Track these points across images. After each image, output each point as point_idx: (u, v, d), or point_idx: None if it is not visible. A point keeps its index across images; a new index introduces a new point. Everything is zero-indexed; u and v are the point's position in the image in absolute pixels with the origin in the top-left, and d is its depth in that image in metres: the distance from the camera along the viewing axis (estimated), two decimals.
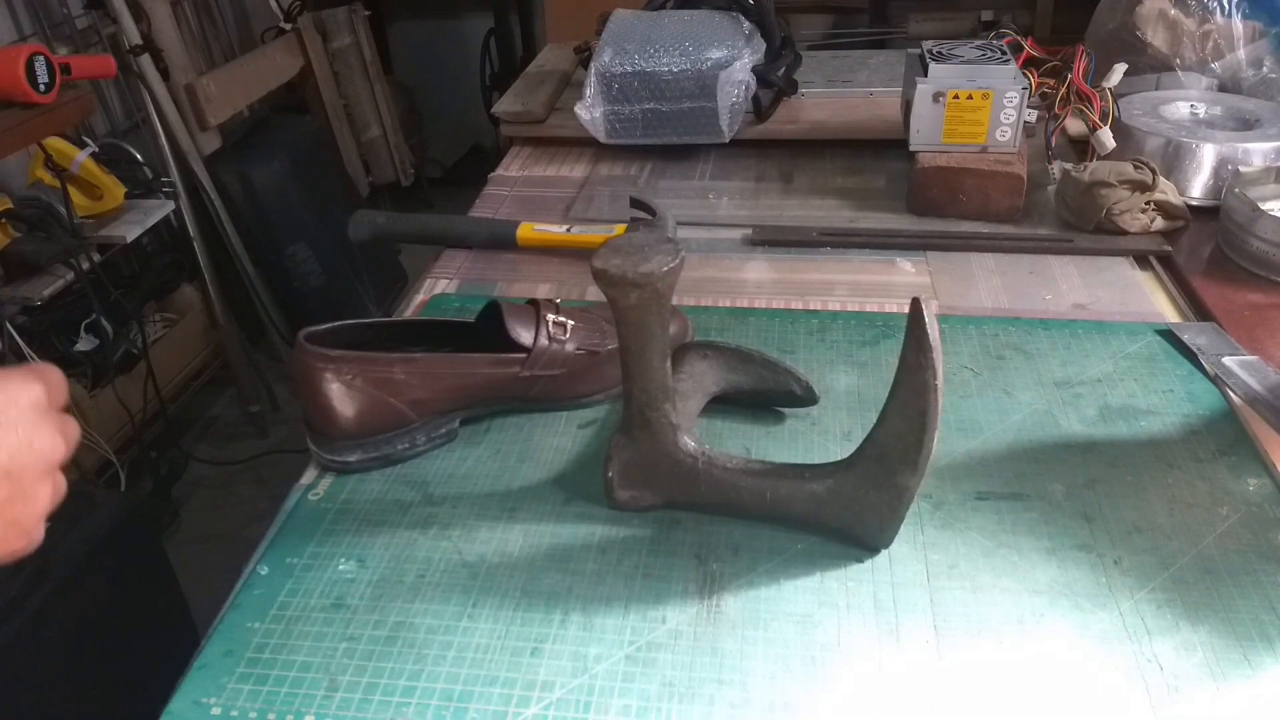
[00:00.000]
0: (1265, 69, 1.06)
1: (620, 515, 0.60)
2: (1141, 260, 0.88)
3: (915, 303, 0.49)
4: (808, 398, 0.67)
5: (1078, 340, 0.75)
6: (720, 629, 0.52)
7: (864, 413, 0.68)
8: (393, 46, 3.15)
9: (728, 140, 1.08)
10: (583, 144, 1.16)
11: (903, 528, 0.57)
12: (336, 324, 0.66)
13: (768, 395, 0.68)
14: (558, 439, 0.67)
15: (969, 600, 0.53)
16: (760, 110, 1.12)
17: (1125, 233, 0.88)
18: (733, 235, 0.96)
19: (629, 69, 1.05)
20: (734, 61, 1.05)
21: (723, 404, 0.68)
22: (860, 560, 0.56)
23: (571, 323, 0.68)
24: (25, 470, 0.40)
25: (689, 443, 0.58)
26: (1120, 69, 0.97)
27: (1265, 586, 0.53)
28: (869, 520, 0.56)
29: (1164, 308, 0.81)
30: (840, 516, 0.56)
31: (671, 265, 0.50)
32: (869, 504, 0.55)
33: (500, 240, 0.93)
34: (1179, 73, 1.09)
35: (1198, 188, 0.93)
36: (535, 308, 0.68)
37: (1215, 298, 0.79)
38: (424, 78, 3.15)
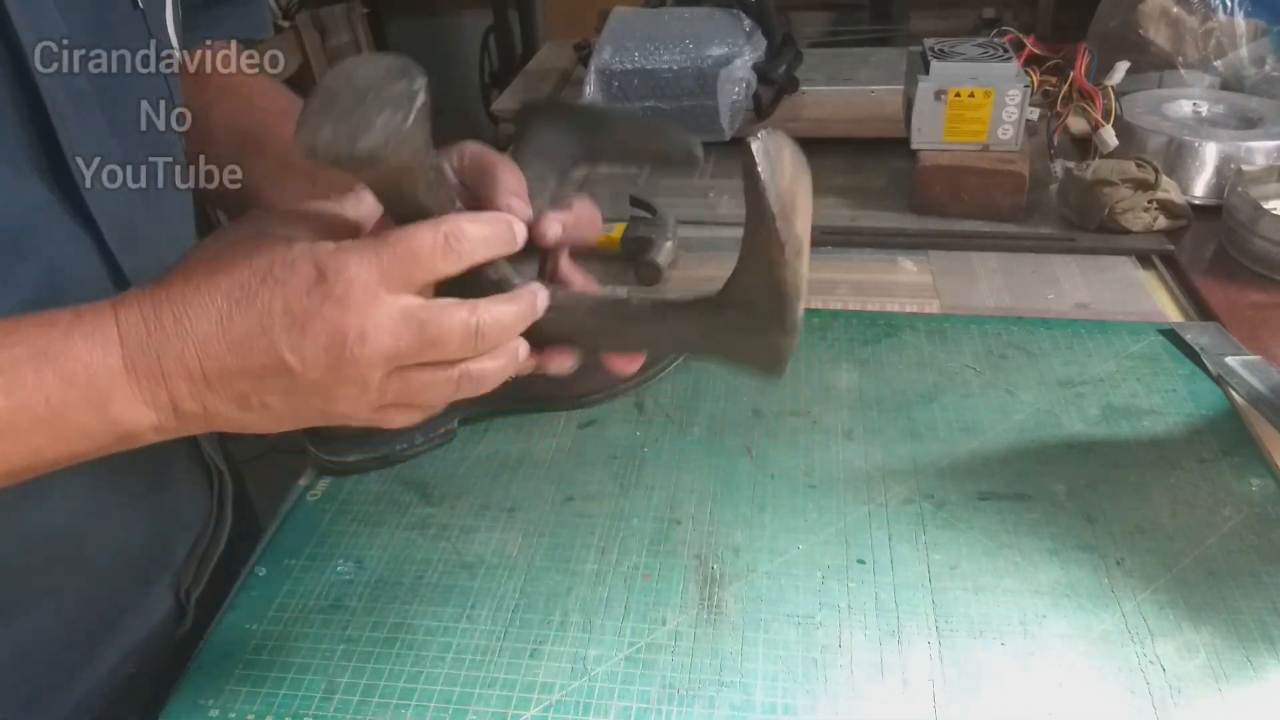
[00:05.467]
0: (1268, 67, 1.06)
1: (621, 515, 0.60)
2: (1144, 259, 0.87)
3: (746, 147, 0.39)
4: (684, 160, 0.54)
5: (1080, 340, 0.75)
6: (720, 630, 0.52)
7: (865, 411, 0.68)
8: (391, 44, 3.14)
9: (728, 138, 1.07)
10: None
11: (905, 527, 0.57)
12: None
13: (638, 158, 0.58)
14: (557, 439, 0.67)
15: (971, 601, 0.53)
16: (761, 108, 1.12)
17: (1128, 232, 0.88)
18: (734, 234, 0.95)
19: (629, 66, 1.05)
20: (735, 59, 1.05)
21: (591, 180, 0.56)
22: (862, 561, 0.56)
23: None
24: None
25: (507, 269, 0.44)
26: (1122, 67, 0.97)
27: (1268, 588, 0.53)
28: (751, 358, 0.46)
29: (1166, 307, 0.80)
30: (714, 355, 0.47)
31: (403, 126, 0.34)
32: (746, 347, 0.46)
33: None
34: (1181, 71, 1.08)
35: (1200, 186, 0.93)
36: None
37: (1218, 297, 0.79)
38: None
